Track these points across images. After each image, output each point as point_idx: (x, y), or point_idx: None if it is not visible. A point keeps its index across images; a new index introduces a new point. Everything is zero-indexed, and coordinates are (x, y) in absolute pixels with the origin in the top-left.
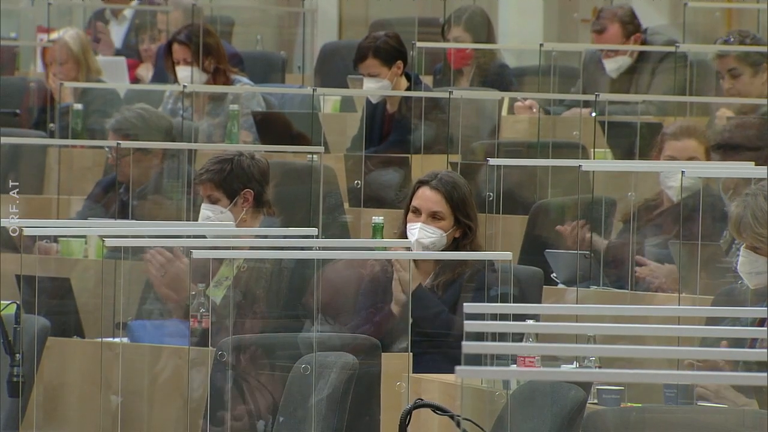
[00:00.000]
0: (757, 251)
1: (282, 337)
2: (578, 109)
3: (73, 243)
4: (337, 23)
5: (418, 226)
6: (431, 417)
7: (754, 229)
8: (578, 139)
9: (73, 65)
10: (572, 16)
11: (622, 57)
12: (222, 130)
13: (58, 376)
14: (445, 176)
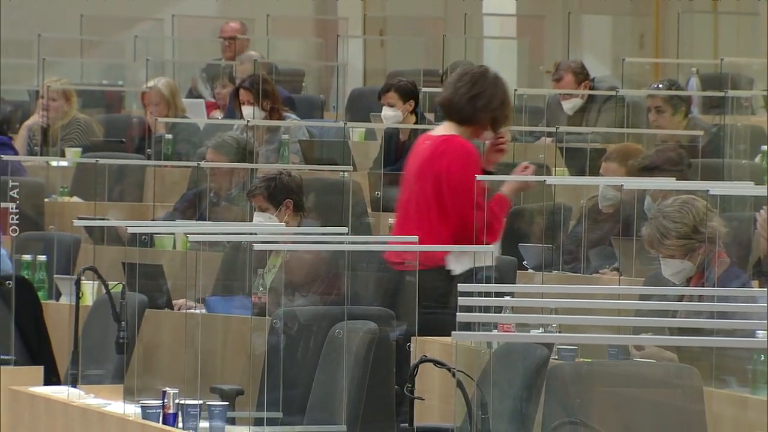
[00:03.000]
0: (672, 257)
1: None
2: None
3: (165, 238)
4: (363, 74)
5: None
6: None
7: (663, 243)
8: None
9: (164, 105)
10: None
11: (575, 99)
12: (276, 154)
13: (153, 339)
14: None
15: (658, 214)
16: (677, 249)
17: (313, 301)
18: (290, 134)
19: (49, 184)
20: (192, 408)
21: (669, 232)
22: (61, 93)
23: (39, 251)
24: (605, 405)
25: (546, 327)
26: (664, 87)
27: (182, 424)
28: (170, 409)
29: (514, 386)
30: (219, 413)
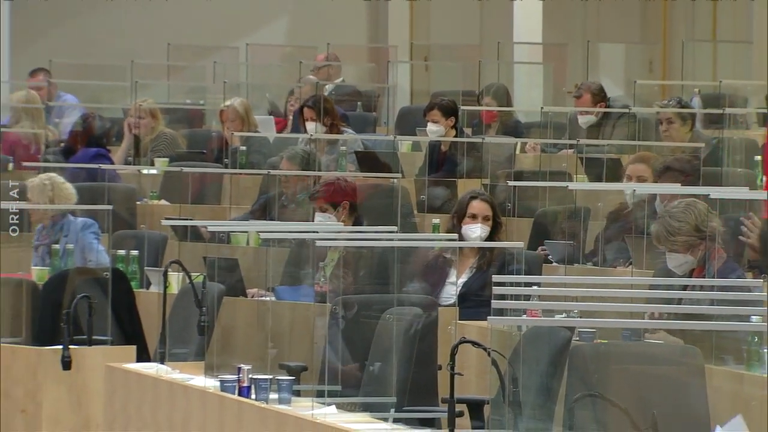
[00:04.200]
0: (676, 252)
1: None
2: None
3: (240, 236)
4: (409, 94)
5: (479, 227)
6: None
7: (669, 239)
8: (566, 169)
9: (239, 122)
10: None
11: (589, 116)
12: (335, 163)
13: (230, 322)
14: (484, 192)
15: (665, 214)
16: (681, 245)
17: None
18: (347, 146)
19: (140, 189)
20: (263, 382)
21: (675, 230)
22: (148, 111)
23: (132, 247)
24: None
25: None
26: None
27: (255, 396)
28: (244, 383)
29: (540, 364)
30: (286, 387)
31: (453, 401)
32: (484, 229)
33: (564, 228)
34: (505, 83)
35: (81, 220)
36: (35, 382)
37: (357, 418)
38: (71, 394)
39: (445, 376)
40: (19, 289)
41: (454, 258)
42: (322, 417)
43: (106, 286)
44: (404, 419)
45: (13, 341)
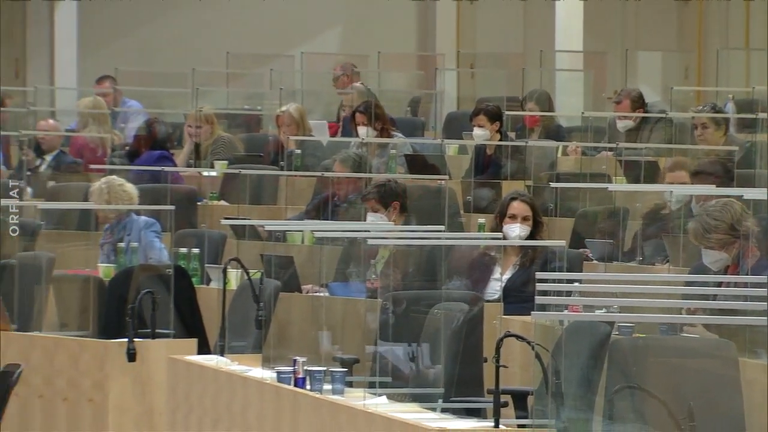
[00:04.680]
0: (712, 249)
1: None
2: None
3: (295, 235)
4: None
5: (518, 226)
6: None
7: (705, 236)
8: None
9: (294, 126)
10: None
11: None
12: (385, 166)
13: (286, 317)
14: (524, 193)
15: (702, 212)
16: (717, 242)
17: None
18: (397, 149)
19: (201, 190)
20: (317, 373)
21: (711, 228)
22: (204, 118)
23: (193, 245)
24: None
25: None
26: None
27: (309, 387)
28: (300, 374)
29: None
30: (339, 378)
31: (498, 392)
32: (523, 228)
33: (603, 227)
34: (547, 89)
35: (143, 219)
36: (102, 373)
37: (407, 408)
38: (136, 384)
39: (491, 369)
40: (86, 285)
41: (498, 256)
42: (374, 407)
43: (169, 283)
44: (451, 409)
45: (81, 335)
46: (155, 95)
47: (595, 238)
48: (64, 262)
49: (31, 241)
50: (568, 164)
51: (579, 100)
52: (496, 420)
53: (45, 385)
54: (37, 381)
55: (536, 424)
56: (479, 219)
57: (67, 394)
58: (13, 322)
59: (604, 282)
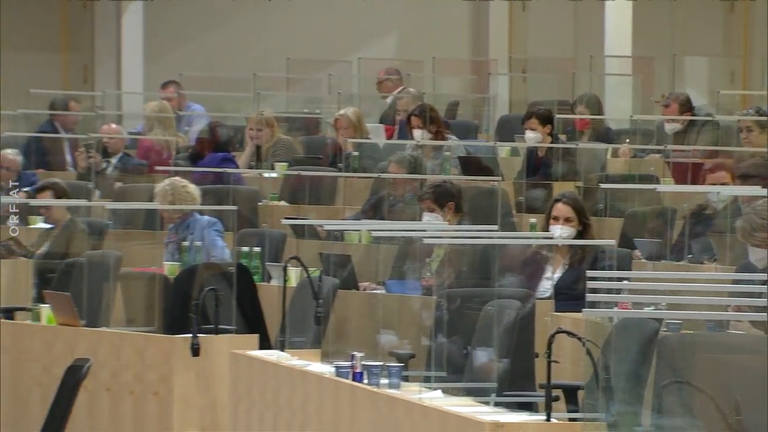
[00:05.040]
0: (758, 246)
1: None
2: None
3: (353, 234)
4: (508, 103)
5: (559, 227)
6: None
7: (752, 234)
8: (653, 173)
9: (352, 129)
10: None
11: (676, 124)
12: (440, 167)
13: (344, 313)
14: (569, 195)
15: (750, 211)
16: (763, 240)
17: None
18: (451, 151)
19: (262, 191)
20: (375, 368)
21: (758, 226)
22: (265, 122)
23: (254, 244)
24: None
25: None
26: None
27: (367, 381)
28: (357, 368)
29: (630, 353)
30: (396, 372)
31: (550, 387)
32: (565, 229)
33: (652, 227)
34: (596, 93)
35: (206, 219)
36: (167, 367)
37: (461, 402)
38: (199, 378)
39: (542, 364)
40: (152, 283)
41: (549, 255)
42: (429, 400)
43: (232, 280)
44: (504, 403)
45: (147, 330)
46: (218, 99)
47: (644, 237)
48: (130, 260)
49: (99, 240)
50: (618, 166)
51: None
52: (547, 414)
53: (112, 379)
54: (104, 375)
55: (587, 418)
56: (531, 219)
57: (133, 387)
58: (82, 318)
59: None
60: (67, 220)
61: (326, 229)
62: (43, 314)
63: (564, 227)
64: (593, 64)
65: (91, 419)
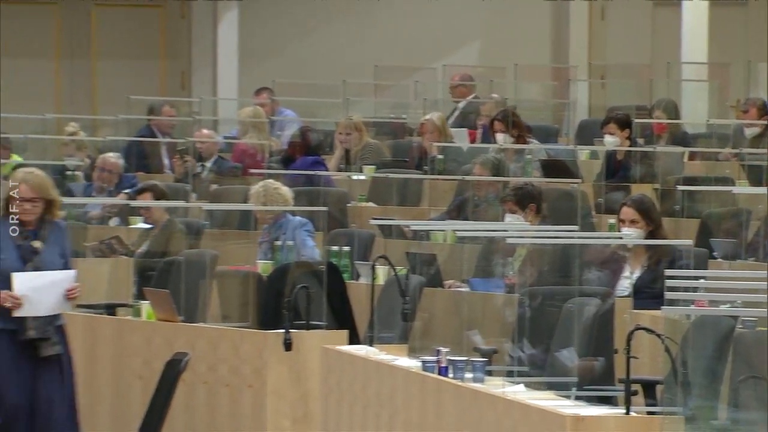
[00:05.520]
0: None
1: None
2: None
3: (438, 234)
4: (588, 108)
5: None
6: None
7: None
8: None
9: (437, 133)
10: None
11: (754, 128)
12: (522, 170)
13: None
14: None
15: None
16: None
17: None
18: (533, 155)
19: (351, 193)
20: (459, 363)
21: None
22: (354, 126)
23: (343, 243)
24: None
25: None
26: None
27: (452, 375)
28: (443, 363)
29: (707, 349)
30: (479, 367)
31: (629, 381)
32: (631, 231)
33: (728, 228)
34: (673, 99)
35: (297, 219)
36: (261, 361)
37: (543, 396)
38: (292, 371)
39: (621, 360)
40: (246, 281)
41: (627, 255)
42: (512, 394)
43: (322, 278)
44: (585, 397)
45: (242, 326)
46: (309, 105)
47: (720, 237)
48: (226, 259)
49: (196, 240)
50: (694, 168)
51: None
52: (627, 407)
53: (209, 372)
54: (201, 368)
55: (665, 412)
56: (610, 220)
57: (229, 380)
58: (180, 314)
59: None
60: (165, 221)
61: (412, 229)
62: (143, 310)
63: (630, 229)
64: (670, 70)
65: (189, 411)
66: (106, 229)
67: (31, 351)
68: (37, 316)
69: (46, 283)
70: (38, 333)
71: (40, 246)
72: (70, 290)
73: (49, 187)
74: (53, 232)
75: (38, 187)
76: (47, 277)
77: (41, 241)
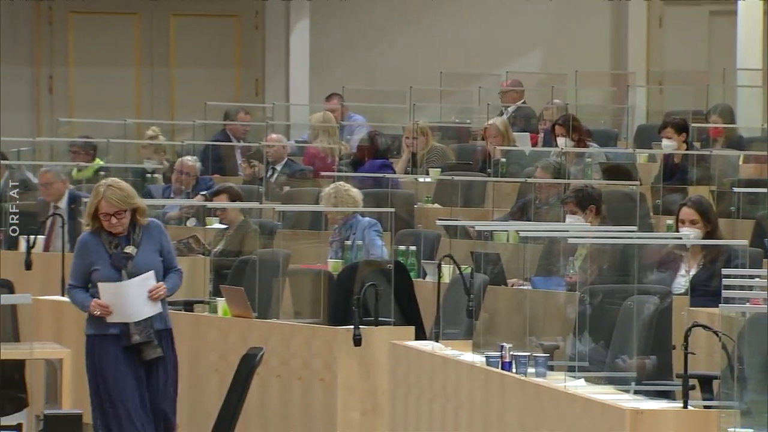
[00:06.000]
0: None
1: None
2: None
3: (501, 234)
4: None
5: (686, 229)
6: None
7: None
8: None
9: (500, 137)
10: None
11: None
12: (582, 173)
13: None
14: (694, 199)
15: None
16: None
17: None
18: (593, 158)
19: (417, 194)
20: (522, 358)
21: None
22: (420, 130)
23: (410, 243)
24: None
25: None
26: None
27: (515, 370)
28: (506, 358)
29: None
30: (542, 362)
31: (687, 376)
32: (691, 231)
33: None
34: (729, 104)
35: (366, 220)
36: (332, 356)
37: (603, 390)
38: (361, 366)
39: (679, 355)
40: (318, 279)
41: (684, 254)
42: (573, 388)
43: (390, 276)
44: (644, 392)
45: (313, 322)
46: (377, 110)
47: None
48: (298, 257)
49: (269, 240)
50: (749, 171)
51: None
52: (684, 401)
53: (282, 366)
54: (275, 362)
55: (722, 406)
56: (667, 221)
57: (301, 374)
58: (255, 310)
59: None
60: (240, 221)
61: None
62: (219, 307)
63: (690, 229)
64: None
65: (263, 403)
66: (183, 229)
67: (137, 354)
68: (138, 321)
69: (128, 290)
70: (141, 337)
71: (132, 251)
72: (152, 291)
73: (130, 197)
74: (146, 233)
75: (119, 201)
76: (127, 285)
77: (134, 246)
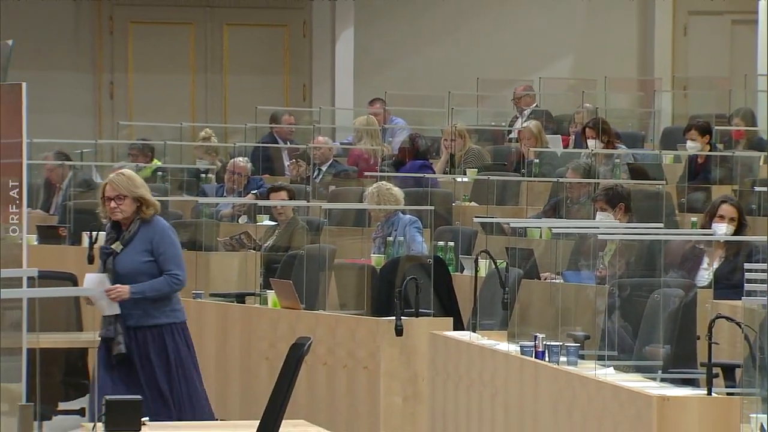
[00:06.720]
0: None
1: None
2: None
3: (535, 231)
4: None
5: (724, 225)
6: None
7: None
8: None
9: (533, 139)
10: None
11: None
12: (611, 173)
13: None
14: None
15: None
16: None
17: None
18: (621, 159)
19: (455, 193)
20: (555, 348)
21: None
22: (458, 133)
23: (449, 239)
24: None
25: None
26: None
27: (548, 359)
28: (539, 348)
29: None
30: (573, 351)
31: (710, 365)
32: (729, 228)
33: None
34: (751, 108)
35: (407, 218)
36: (374, 345)
37: (631, 377)
38: (402, 354)
39: (704, 345)
40: (362, 272)
41: (706, 249)
42: (603, 376)
43: (430, 270)
44: (669, 379)
45: (358, 313)
46: (417, 114)
47: None
48: (343, 252)
49: (316, 236)
50: None
51: None
52: (708, 389)
53: (328, 355)
54: (321, 351)
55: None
56: (692, 218)
57: (346, 362)
58: (303, 302)
59: None
60: (289, 218)
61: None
62: (269, 299)
63: (729, 225)
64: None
65: (311, 389)
66: (236, 226)
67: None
68: (105, 315)
69: (87, 286)
70: (102, 332)
71: (117, 247)
72: (108, 291)
73: (134, 186)
74: (142, 232)
75: (119, 186)
76: (86, 280)
77: (122, 243)
